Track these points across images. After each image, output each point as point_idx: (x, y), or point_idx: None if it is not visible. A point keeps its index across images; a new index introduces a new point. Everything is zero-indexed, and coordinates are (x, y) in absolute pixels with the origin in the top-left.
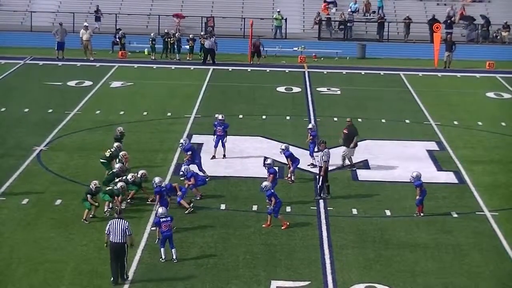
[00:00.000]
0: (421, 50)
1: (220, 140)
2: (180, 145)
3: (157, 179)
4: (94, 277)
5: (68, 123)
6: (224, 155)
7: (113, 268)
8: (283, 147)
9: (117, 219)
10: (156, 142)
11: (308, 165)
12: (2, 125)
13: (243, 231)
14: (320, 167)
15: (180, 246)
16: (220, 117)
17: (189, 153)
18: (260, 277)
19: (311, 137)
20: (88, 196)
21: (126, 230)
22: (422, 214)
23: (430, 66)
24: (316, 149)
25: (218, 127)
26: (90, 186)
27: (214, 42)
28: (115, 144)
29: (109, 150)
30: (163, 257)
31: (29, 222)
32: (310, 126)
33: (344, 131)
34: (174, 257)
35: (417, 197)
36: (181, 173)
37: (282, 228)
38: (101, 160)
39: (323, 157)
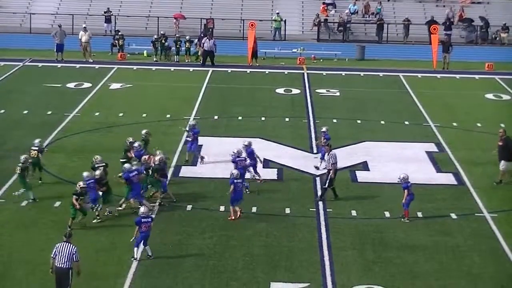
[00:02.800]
0: (420, 52)
1: (192, 145)
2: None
3: (126, 166)
4: (92, 278)
5: (67, 125)
6: (202, 158)
7: None
8: (246, 143)
9: (64, 243)
10: (155, 143)
11: (315, 166)
12: (1, 127)
13: (242, 233)
14: (329, 169)
15: (179, 247)
16: (192, 122)
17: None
18: (260, 279)
19: (324, 140)
20: (74, 196)
21: (73, 256)
22: (408, 219)
23: (429, 67)
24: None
25: (189, 133)
26: (76, 188)
27: (213, 43)
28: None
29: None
30: (135, 256)
31: (28, 224)
32: (324, 129)
33: (499, 143)
34: (149, 254)
35: (403, 200)
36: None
37: (228, 219)
38: (121, 160)
39: (330, 160)
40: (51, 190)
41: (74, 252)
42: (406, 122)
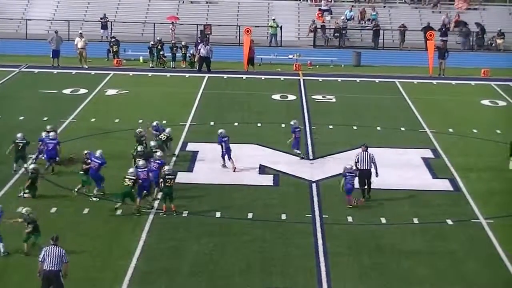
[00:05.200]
0: (416, 58)
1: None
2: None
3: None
4: (88, 284)
5: (63, 131)
6: None
7: None
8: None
9: (52, 246)
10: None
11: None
12: None
13: (238, 239)
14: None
15: (175, 253)
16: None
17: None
18: (256, 285)
19: (293, 134)
20: (83, 166)
21: (63, 257)
22: (350, 206)
23: (425, 73)
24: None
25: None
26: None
27: (210, 49)
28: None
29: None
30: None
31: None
32: (292, 122)
33: None
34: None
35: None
36: None
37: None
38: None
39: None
40: (46, 196)
41: (63, 254)
42: (402, 128)
